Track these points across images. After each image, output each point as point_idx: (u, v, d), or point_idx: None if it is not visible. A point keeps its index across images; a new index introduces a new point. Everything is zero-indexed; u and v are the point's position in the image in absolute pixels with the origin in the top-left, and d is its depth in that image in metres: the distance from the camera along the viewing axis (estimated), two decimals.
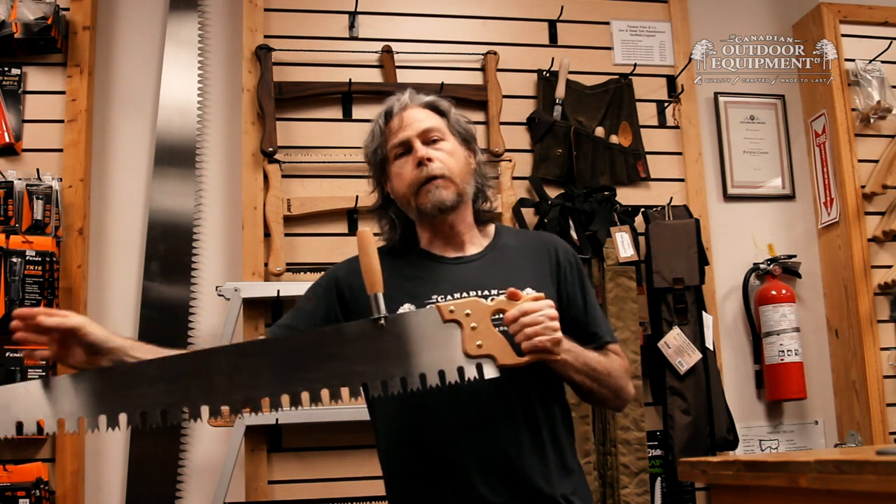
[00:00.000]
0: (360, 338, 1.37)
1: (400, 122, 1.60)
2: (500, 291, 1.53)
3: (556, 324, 1.34)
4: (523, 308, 1.34)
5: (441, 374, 1.35)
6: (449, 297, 1.55)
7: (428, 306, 1.40)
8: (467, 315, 1.37)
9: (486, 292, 1.54)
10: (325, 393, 1.33)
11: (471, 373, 1.36)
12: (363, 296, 1.49)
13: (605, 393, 1.50)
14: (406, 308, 1.53)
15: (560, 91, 2.62)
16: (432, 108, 1.63)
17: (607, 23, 2.78)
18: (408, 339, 1.37)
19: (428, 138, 1.58)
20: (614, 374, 1.50)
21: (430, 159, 1.55)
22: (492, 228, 1.68)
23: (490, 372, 1.35)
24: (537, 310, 1.34)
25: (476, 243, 1.63)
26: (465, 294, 1.54)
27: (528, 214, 2.51)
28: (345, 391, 1.34)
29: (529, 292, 1.38)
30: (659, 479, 2.48)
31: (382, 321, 1.37)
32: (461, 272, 1.58)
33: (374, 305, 1.37)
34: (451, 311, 1.37)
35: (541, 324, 1.33)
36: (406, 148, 1.58)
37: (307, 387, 1.33)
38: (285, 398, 1.33)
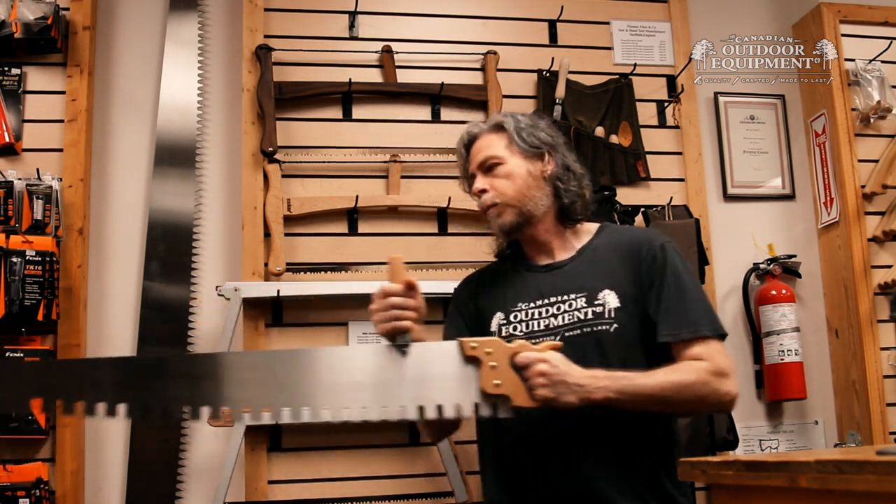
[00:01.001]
0: (383, 362, 1.42)
1: (470, 154, 1.73)
2: (579, 295, 1.57)
3: (555, 378, 1.38)
4: (521, 361, 1.40)
5: (457, 407, 1.39)
6: (532, 303, 1.63)
7: (452, 341, 1.45)
8: (488, 353, 1.41)
9: (565, 297, 1.60)
10: (325, 412, 1.38)
11: (485, 410, 1.40)
12: (480, 313, 1.69)
13: (685, 408, 1.52)
14: (497, 318, 1.65)
15: (560, 91, 2.62)
16: (494, 129, 1.71)
17: (607, 23, 2.78)
18: (428, 369, 1.42)
19: (486, 167, 1.68)
20: (685, 390, 1.47)
21: (483, 191, 1.67)
22: (592, 229, 1.72)
23: (504, 412, 1.40)
24: (539, 360, 1.39)
25: (567, 248, 1.69)
26: (547, 300, 1.61)
27: None
28: (363, 414, 1.39)
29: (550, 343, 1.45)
30: None
31: (406, 348, 1.43)
32: (546, 279, 1.65)
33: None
34: (473, 348, 1.41)
35: (543, 375, 1.38)
36: (474, 179, 1.71)
37: (325, 405, 1.38)
38: (306, 411, 1.38)
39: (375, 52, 2.58)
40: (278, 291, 2.30)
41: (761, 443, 2.66)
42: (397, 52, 2.58)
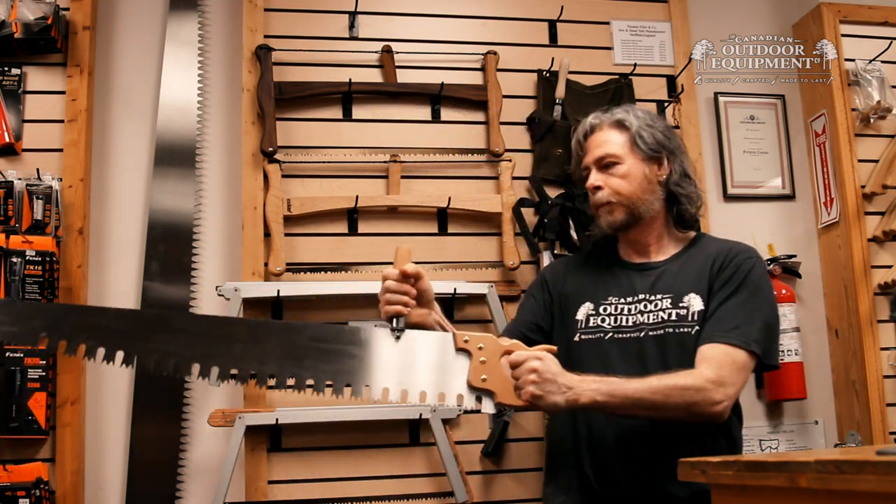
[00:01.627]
0: (375, 343, 1.44)
1: (587, 144, 1.74)
2: (665, 296, 1.62)
3: (545, 376, 1.40)
4: (514, 359, 1.42)
5: (441, 396, 1.41)
6: (623, 299, 1.66)
7: (447, 333, 1.48)
8: (480, 349, 1.43)
9: (653, 297, 1.63)
10: (320, 383, 1.40)
11: (469, 403, 1.42)
12: (565, 299, 1.71)
13: (673, 413, 1.49)
14: (585, 307, 1.68)
15: (560, 91, 2.62)
16: (617, 125, 1.72)
17: (607, 23, 2.78)
18: (418, 356, 1.44)
19: (602, 164, 1.69)
20: (675, 394, 1.47)
21: (599, 187, 1.68)
22: (689, 236, 1.75)
23: (487, 406, 1.42)
24: (525, 360, 1.41)
25: (664, 251, 1.72)
26: (635, 297, 1.64)
27: (528, 214, 2.51)
28: (347, 390, 1.41)
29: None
30: None
31: (398, 333, 1.45)
32: (639, 278, 1.68)
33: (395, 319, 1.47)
34: (466, 342, 1.43)
35: (534, 372, 1.40)
36: (588, 173, 1.72)
37: (312, 375, 1.39)
38: (290, 381, 1.39)
39: (375, 52, 2.58)
40: (278, 291, 2.30)
41: (761, 443, 2.66)
42: (397, 52, 2.58)
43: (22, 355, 2.18)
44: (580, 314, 1.69)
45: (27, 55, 2.39)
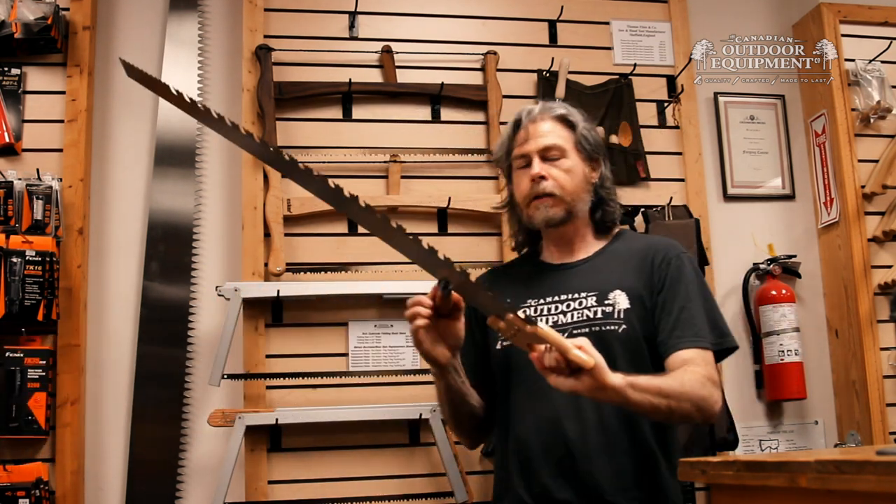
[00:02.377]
0: None
1: (526, 134, 1.68)
2: (589, 294, 1.60)
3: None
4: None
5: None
6: (542, 300, 1.63)
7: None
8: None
9: (576, 295, 1.61)
10: None
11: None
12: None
13: (684, 409, 1.43)
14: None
15: (560, 91, 2.62)
16: (563, 121, 1.69)
17: (607, 23, 2.78)
18: None
19: (547, 155, 1.65)
20: (686, 384, 1.43)
21: (543, 177, 1.63)
22: (613, 233, 1.74)
23: None
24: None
25: (587, 249, 1.70)
26: (557, 297, 1.62)
27: None
28: None
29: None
30: None
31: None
32: (559, 278, 1.66)
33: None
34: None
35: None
36: (527, 161, 1.66)
37: None
38: None
39: (375, 52, 2.58)
40: (278, 291, 2.30)
41: (761, 443, 2.66)
42: (397, 52, 2.58)
43: (22, 355, 2.18)
44: None
45: (27, 55, 2.39)
